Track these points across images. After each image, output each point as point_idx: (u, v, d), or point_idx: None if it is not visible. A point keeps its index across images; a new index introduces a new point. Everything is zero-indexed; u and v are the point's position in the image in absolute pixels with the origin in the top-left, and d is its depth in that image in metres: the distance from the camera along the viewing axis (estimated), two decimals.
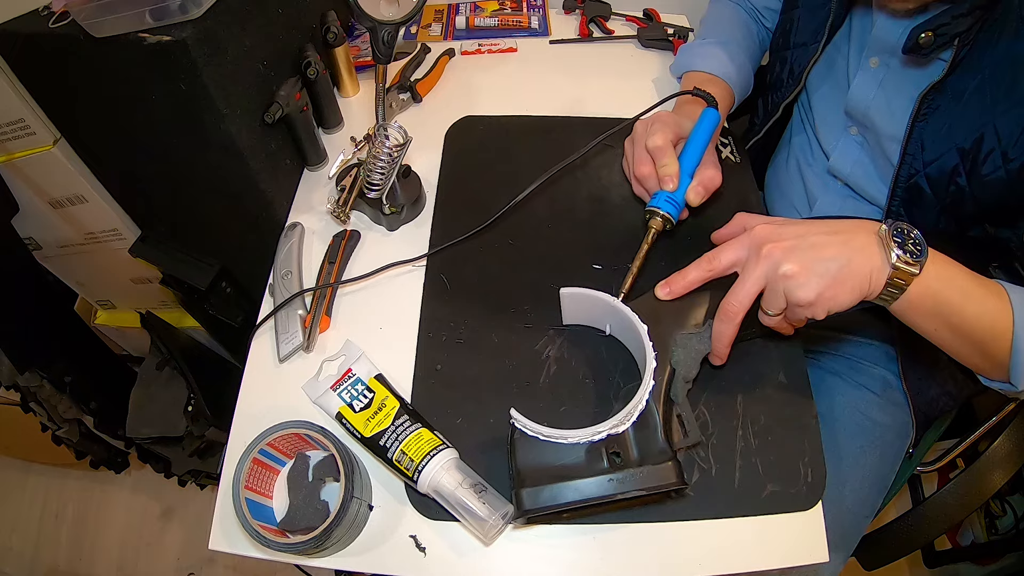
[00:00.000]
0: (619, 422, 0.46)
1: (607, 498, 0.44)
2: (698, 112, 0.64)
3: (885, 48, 0.60)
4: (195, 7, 0.53)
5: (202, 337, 1.11)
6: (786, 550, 0.49)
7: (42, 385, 0.95)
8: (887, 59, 0.61)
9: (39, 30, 0.55)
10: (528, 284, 0.62)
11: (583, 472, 0.45)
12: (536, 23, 0.94)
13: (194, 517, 1.32)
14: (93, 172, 0.77)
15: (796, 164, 0.78)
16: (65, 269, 1.00)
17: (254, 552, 0.49)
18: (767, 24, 0.81)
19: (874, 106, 0.62)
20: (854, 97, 0.64)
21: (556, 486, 0.44)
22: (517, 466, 0.46)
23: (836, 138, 0.70)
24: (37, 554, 1.31)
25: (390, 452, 0.49)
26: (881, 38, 0.60)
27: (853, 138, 0.68)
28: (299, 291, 0.60)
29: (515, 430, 0.47)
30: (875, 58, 0.62)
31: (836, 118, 0.69)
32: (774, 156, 0.86)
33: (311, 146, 0.72)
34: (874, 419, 0.72)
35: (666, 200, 0.59)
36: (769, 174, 0.87)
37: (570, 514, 0.49)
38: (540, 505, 0.44)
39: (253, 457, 0.47)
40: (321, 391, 0.54)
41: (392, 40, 0.56)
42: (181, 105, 0.58)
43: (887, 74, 0.61)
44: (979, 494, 0.70)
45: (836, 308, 0.46)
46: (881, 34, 0.60)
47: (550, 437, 0.46)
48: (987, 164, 0.53)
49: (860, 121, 0.65)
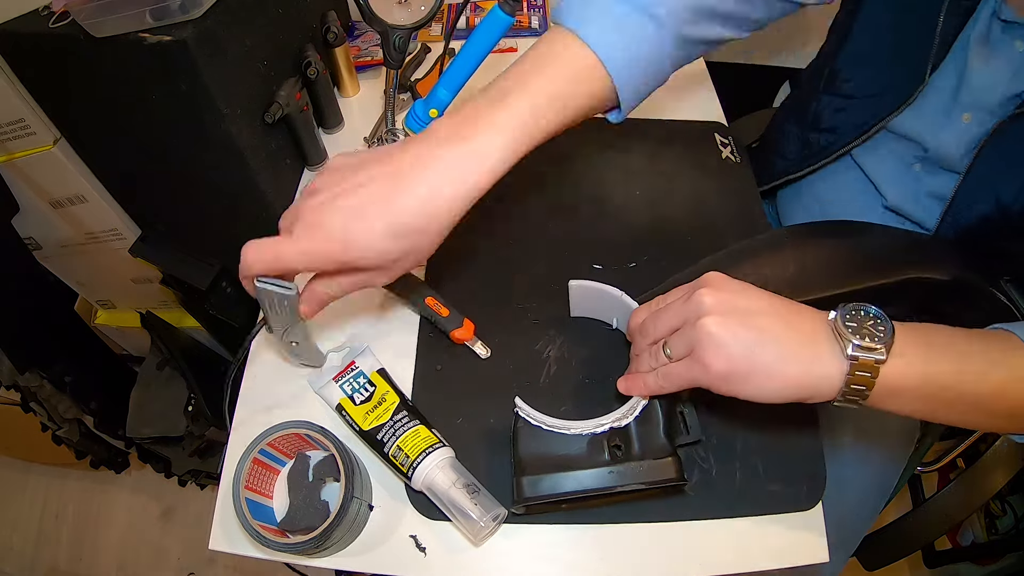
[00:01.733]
0: (622, 416, 0.47)
1: (606, 490, 0.44)
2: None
3: (982, 105, 0.54)
4: (195, 7, 0.53)
5: (202, 337, 1.11)
6: (786, 550, 0.49)
7: (42, 385, 0.95)
8: (984, 117, 0.54)
9: (39, 30, 0.55)
10: (528, 284, 0.62)
11: (584, 463, 0.45)
12: (536, 23, 0.94)
13: (194, 517, 1.32)
14: (93, 172, 0.77)
15: (836, 195, 0.71)
16: (65, 269, 1.00)
17: (254, 552, 0.49)
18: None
19: (958, 155, 0.57)
20: (938, 152, 0.58)
21: (556, 476, 0.45)
22: (519, 454, 0.46)
23: (896, 180, 0.63)
24: (37, 554, 1.31)
25: (387, 447, 0.49)
26: (981, 92, 0.54)
27: (915, 173, 0.62)
28: None
29: (519, 419, 0.48)
30: (969, 114, 0.56)
31: (899, 163, 0.63)
32: (799, 183, 0.76)
33: (311, 146, 0.72)
34: (879, 420, 0.71)
35: None
36: (789, 195, 0.79)
37: (569, 505, 0.49)
38: (540, 493, 0.44)
39: (253, 457, 0.47)
40: (323, 381, 0.54)
41: (404, 45, 0.56)
42: (181, 105, 0.58)
43: (980, 129, 0.55)
44: (980, 494, 0.70)
45: (751, 397, 0.39)
46: (982, 88, 0.54)
47: (553, 427, 0.47)
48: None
49: (935, 163, 0.60)
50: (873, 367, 0.36)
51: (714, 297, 0.39)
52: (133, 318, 1.08)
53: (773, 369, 0.37)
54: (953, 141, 0.57)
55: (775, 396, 0.38)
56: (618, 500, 0.50)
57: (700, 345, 0.38)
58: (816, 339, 0.38)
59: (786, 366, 0.37)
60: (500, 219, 0.62)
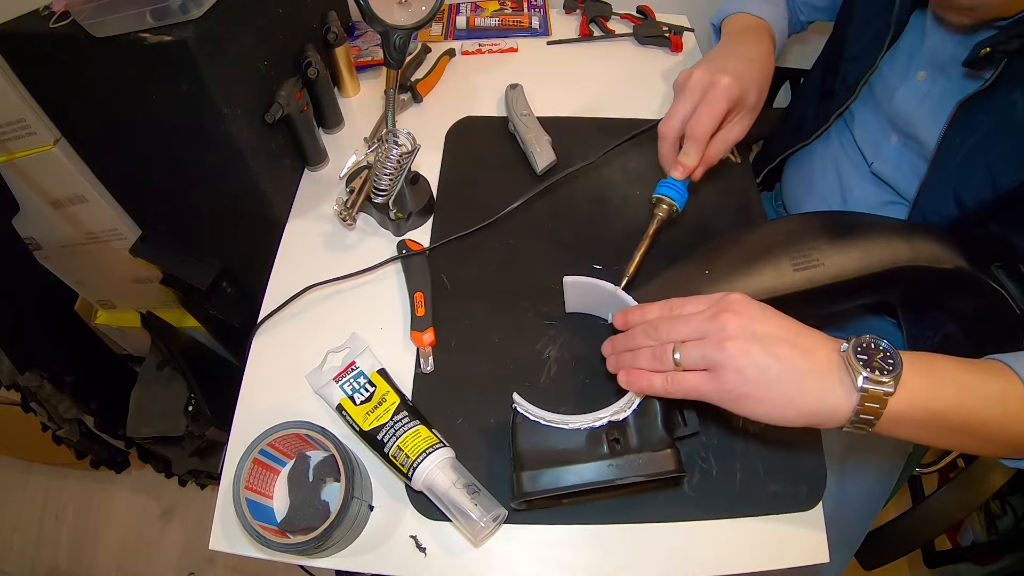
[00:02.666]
0: (620, 409, 0.47)
1: (606, 483, 0.44)
2: (757, 51, 0.62)
3: (934, 63, 0.61)
4: (196, 7, 0.53)
5: (203, 337, 1.11)
6: (787, 550, 0.49)
7: (42, 385, 0.95)
8: (935, 74, 0.61)
9: (39, 30, 0.55)
10: (528, 284, 0.62)
11: (583, 457, 0.45)
12: (537, 23, 0.94)
13: (194, 517, 1.32)
14: (93, 172, 0.77)
15: (833, 161, 0.76)
16: (65, 269, 1.00)
17: (254, 552, 0.49)
18: (802, 17, 0.80)
19: (916, 117, 0.63)
20: (898, 108, 0.65)
21: (556, 470, 0.45)
22: (517, 450, 0.46)
23: (877, 145, 0.70)
24: (37, 554, 1.31)
25: (387, 447, 0.49)
26: (933, 52, 0.61)
27: (894, 146, 0.68)
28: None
29: (517, 414, 0.48)
30: (923, 72, 0.63)
31: (878, 126, 0.70)
32: (803, 152, 0.83)
33: (312, 146, 0.72)
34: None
35: (672, 187, 0.57)
36: (792, 166, 0.85)
37: (569, 500, 0.49)
38: (539, 488, 0.44)
39: (253, 457, 0.47)
40: (324, 381, 0.54)
41: (404, 45, 0.56)
42: (182, 105, 0.58)
43: (932, 87, 0.62)
44: (979, 494, 0.70)
45: (760, 419, 0.40)
46: (933, 49, 0.61)
47: (551, 422, 0.47)
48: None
49: (902, 130, 0.66)
50: (882, 399, 0.38)
51: (737, 322, 0.41)
52: (133, 318, 1.08)
53: (787, 398, 0.39)
54: (912, 102, 0.63)
55: (785, 422, 0.40)
56: (618, 494, 0.50)
57: (721, 366, 0.40)
58: (829, 370, 0.40)
59: (800, 396, 0.39)
60: (500, 219, 0.62)
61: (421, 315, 0.59)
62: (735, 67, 0.57)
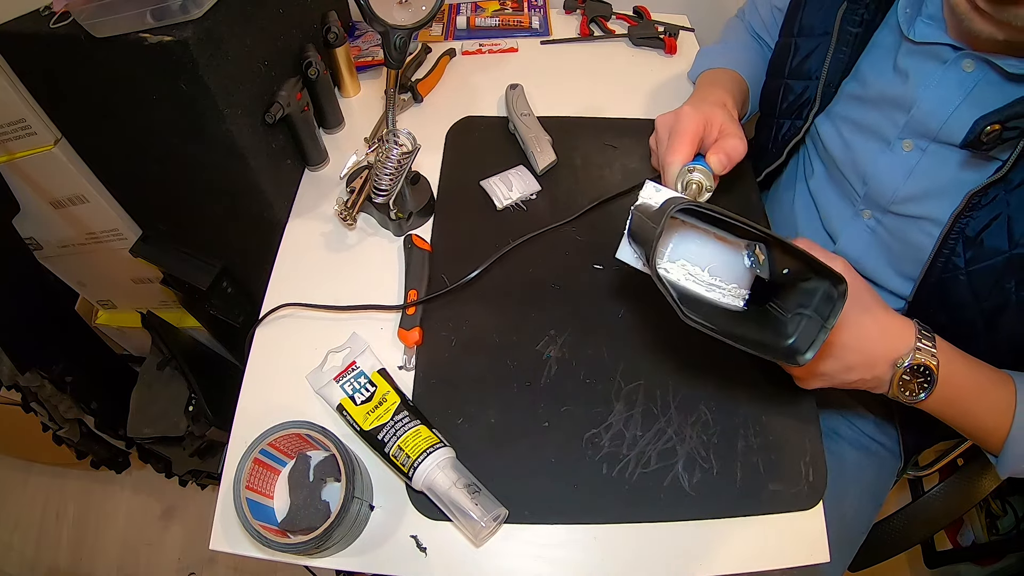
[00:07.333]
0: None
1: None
2: (721, 95, 0.62)
3: (926, 134, 0.51)
4: (196, 7, 0.53)
5: (203, 337, 1.11)
6: (787, 550, 0.49)
7: (43, 385, 0.95)
8: (925, 144, 0.52)
9: (40, 30, 0.55)
10: (528, 284, 0.62)
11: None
12: (537, 23, 0.94)
13: (195, 517, 1.32)
14: (94, 172, 0.77)
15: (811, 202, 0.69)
16: (66, 269, 1.00)
17: (255, 552, 0.49)
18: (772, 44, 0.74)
19: (902, 193, 0.53)
20: (879, 183, 0.55)
21: None
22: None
23: (844, 224, 0.61)
24: (38, 554, 1.31)
25: (387, 447, 0.49)
26: (922, 122, 0.51)
27: (865, 222, 0.59)
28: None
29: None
30: (909, 141, 0.53)
31: (844, 201, 0.61)
32: (775, 190, 0.80)
33: (312, 146, 0.72)
34: (871, 436, 0.72)
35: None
36: (770, 202, 0.81)
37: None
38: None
39: (254, 457, 0.47)
40: (324, 382, 0.55)
41: (405, 45, 0.56)
42: (182, 105, 0.58)
43: (922, 159, 0.52)
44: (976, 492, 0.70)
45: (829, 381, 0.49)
46: (922, 118, 0.51)
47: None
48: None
49: (881, 207, 0.57)
50: (909, 400, 0.47)
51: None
52: (134, 318, 1.08)
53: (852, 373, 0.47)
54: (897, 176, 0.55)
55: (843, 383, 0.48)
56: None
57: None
58: (883, 378, 0.48)
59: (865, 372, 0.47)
60: (500, 219, 0.62)
61: (412, 313, 0.59)
62: (693, 101, 0.61)
